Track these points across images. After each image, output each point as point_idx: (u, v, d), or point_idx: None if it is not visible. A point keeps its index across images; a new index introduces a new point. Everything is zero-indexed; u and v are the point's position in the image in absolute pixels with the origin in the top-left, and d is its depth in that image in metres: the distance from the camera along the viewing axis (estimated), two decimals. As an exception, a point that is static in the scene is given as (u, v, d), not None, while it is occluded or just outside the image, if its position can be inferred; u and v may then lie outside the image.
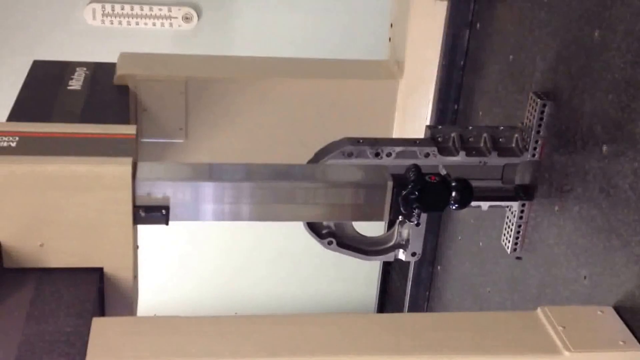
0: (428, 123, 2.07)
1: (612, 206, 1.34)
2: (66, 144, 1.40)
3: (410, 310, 2.37)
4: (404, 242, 1.61)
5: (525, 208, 1.63)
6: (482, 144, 1.58)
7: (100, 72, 1.96)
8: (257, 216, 1.42)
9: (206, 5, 2.54)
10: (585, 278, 1.41)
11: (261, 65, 2.16)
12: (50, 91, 1.85)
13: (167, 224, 1.37)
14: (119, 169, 1.33)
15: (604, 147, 1.36)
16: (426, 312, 2.34)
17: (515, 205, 1.64)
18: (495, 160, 1.58)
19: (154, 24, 2.49)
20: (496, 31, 1.87)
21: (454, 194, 1.40)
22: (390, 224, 1.63)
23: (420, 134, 1.62)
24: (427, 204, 1.41)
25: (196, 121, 2.02)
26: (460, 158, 1.56)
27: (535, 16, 1.66)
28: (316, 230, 1.56)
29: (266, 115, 2.07)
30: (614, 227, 1.32)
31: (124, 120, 1.79)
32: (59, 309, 1.24)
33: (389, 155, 1.53)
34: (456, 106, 2.08)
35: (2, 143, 1.36)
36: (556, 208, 1.52)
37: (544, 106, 1.55)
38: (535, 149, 1.57)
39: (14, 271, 1.33)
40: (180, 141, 2.03)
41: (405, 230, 1.60)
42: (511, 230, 1.66)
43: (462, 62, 2.02)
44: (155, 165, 1.44)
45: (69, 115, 1.74)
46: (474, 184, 1.44)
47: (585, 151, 1.43)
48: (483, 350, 1.21)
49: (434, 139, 1.57)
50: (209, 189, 1.38)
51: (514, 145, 1.59)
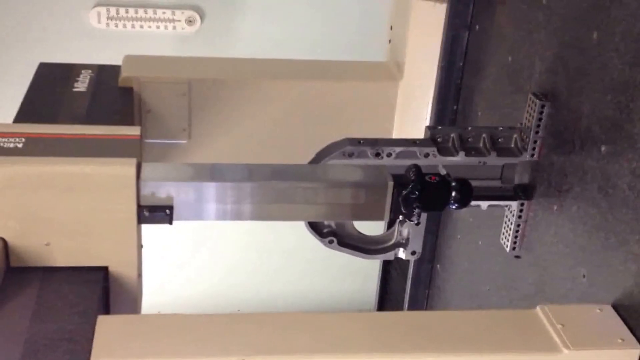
0: (428, 124, 2.08)
1: (610, 205, 1.34)
2: (72, 145, 1.42)
3: (410, 309, 2.36)
4: (404, 241, 1.61)
5: (524, 207, 1.64)
6: (481, 144, 1.58)
7: (105, 74, 1.98)
8: (259, 216, 1.43)
9: (209, 9, 2.55)
10: (584, 277, 1.41)
11: (263, 67, 2.16)
12: (56, 93, 1.86)
13: (171, 223, 1.38)
14: (123, 169, 1.34)
15: (603, 147, 1.37)
16: (426, 310, 2.34)
17: (514, 205, 1.64)
18: (494, 160, 1.58)
19: (157, 27, 2.50)
20: (495, 33, 1.87)
21: (454, 193, 1.41)
22: (390, 223, 1.63)
23: (420, 134, 1.62)
24: (427, 203, 1.42)
25: (199, 122, 2.03)
26: (460, 158, 1.56)
27: (533, 18, 1.66)
28: (317, 229, 1.56)
29: (268, 116, 2.08)
30: (613, 226, 1.33)
31: (128, 121, 1.80)
32: (64, 308, 1.25)
33: (389, 155, 1.54)
34: (455, 107, 2.08)
35: (10, 144, 1.38)
36: (555, 207, 1.53)
37: (542, 107, 1.55)
38: (534, 149, 1.58)
39: (20, 270, 1.34)
40: (184, 142, 2.04)
41: (405, 229, 1.60)
42: (510, 230, 1.67)
43: (461, 64, 2.02)
44: (159, 165, 1.45)
45: (74, 117, 1.75)
46: (473, 183, 1.45)
47: (583, 151, 1.43)
48: (482, 348, 1.21)
49: (434, 139, 1.57)
50: (211, 189, 1.39)
51: (513, 145, 1.59)
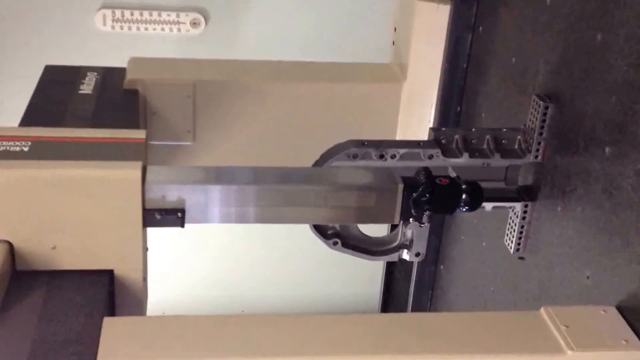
0: (431, 125, 2.08)
1: (614, 207, 1.34)
2: (77, 148, 1.42)
3: (414, 310, 2.36)
4: (408, 243, 1.61)
5: (528, 209, 1.64)
6: (485, 146, 1.59)
7: (111, 76, 1.98)
8: (264, 218, 1.43)
9: (213, 11, 2.55)
10: (588, 278, 1.41)
11: (267, 69, 2.17)
12: (62, 95, 1.86)
13: (182, 226, 1.38)
14: (128, 173, 1.34)
15: (607, 149, 1.37)
16: (430, 312, 2.34)
17: (519, 206, 1.64)
18: (498, 162, 1.58)
19: (162, 29, 2.51)
20: (499, 34, 1.87)
21: (464, 196, 1.41)
22: (394, 225, 1.64)
23: (423, 136, 1.63)
24: (438, 206, 1.41)
25: (204, 124, 2.03)
26: (464, 160, 1.56)
27: (537, 19, 1.66)
28: (321, 231, 1.56)
29: (272, 117, 2.08)
30: (617, 227, 1.33)
31: (133, 123, 1.81)
32: (70, 310, 1.25)
33: (393, 157, 1.54)
34: (459, 108, 2.08)
35: (16, 148, 1.38)
36: (559, 209, 1.53)
37: (546, 108, 1.55)
38: (538, 150, 1.58)
39: (26, 273, 1.34)
40: (188, 144, 2.05)
41: (409, 231, 1.60)
42: (514, 231, 1.67)
43: (465, 65, 2.02)
44: (164, 169, 1.46)
45: (80, 119, 1.76)
46: (477, 185, 1.46)
47: (587, 153, 1.43)
48: (486, 349, 1.21)
49: (438, 141, 1.57)
50: (217, 191, 1.39)
51: (516, 146, 1.60)
